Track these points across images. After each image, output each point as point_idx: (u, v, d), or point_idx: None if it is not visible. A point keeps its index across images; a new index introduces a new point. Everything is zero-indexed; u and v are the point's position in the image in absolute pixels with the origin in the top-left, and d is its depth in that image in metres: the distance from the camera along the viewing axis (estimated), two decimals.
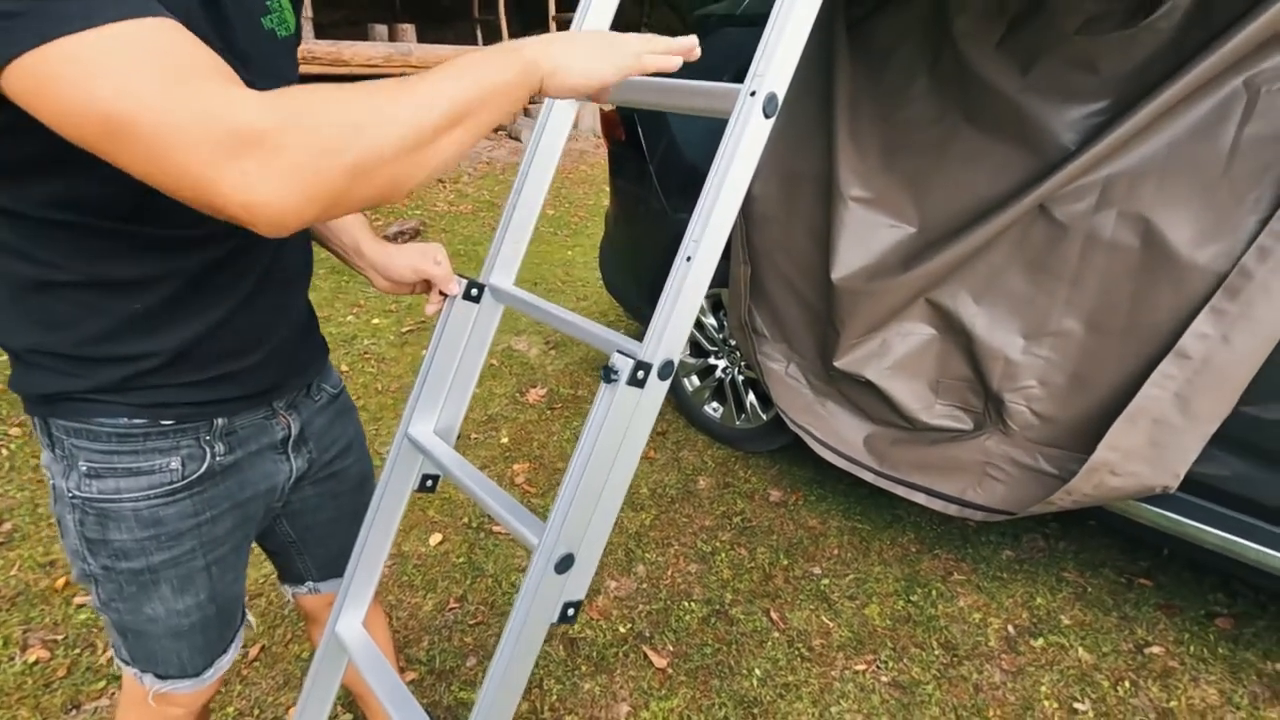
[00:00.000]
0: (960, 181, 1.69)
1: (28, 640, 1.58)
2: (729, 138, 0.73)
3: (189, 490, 0.77)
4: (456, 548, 1.95)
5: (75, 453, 0.72)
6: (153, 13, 0.47)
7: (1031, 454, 1.66)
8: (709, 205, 0.73)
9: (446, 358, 0.91)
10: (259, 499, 0.85)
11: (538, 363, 3.01)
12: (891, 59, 1.80)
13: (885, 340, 1.83)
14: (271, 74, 0.66)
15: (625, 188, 2.67)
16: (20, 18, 0.43)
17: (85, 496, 0.73)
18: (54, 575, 1.76)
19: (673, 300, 0.73)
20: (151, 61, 0.46)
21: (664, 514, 2.13)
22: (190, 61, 0.47)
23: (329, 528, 0.97)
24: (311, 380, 0.90)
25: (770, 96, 0.71)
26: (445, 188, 5.78)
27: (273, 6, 0.70)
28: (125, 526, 0.74)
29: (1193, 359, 1.38)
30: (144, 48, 0.46)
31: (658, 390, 0.74)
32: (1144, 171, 1.44)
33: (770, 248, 2.03)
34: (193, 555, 0.79)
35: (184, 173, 0.46)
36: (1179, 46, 1.41)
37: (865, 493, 2.20)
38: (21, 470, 2.15)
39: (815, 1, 0.72)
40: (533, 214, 0.93)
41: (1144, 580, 1.90)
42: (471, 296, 0.90)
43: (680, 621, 1.75)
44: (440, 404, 0.92)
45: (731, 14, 2.37)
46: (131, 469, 0.73)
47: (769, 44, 0.72)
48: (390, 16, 9.36)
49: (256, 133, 0.46)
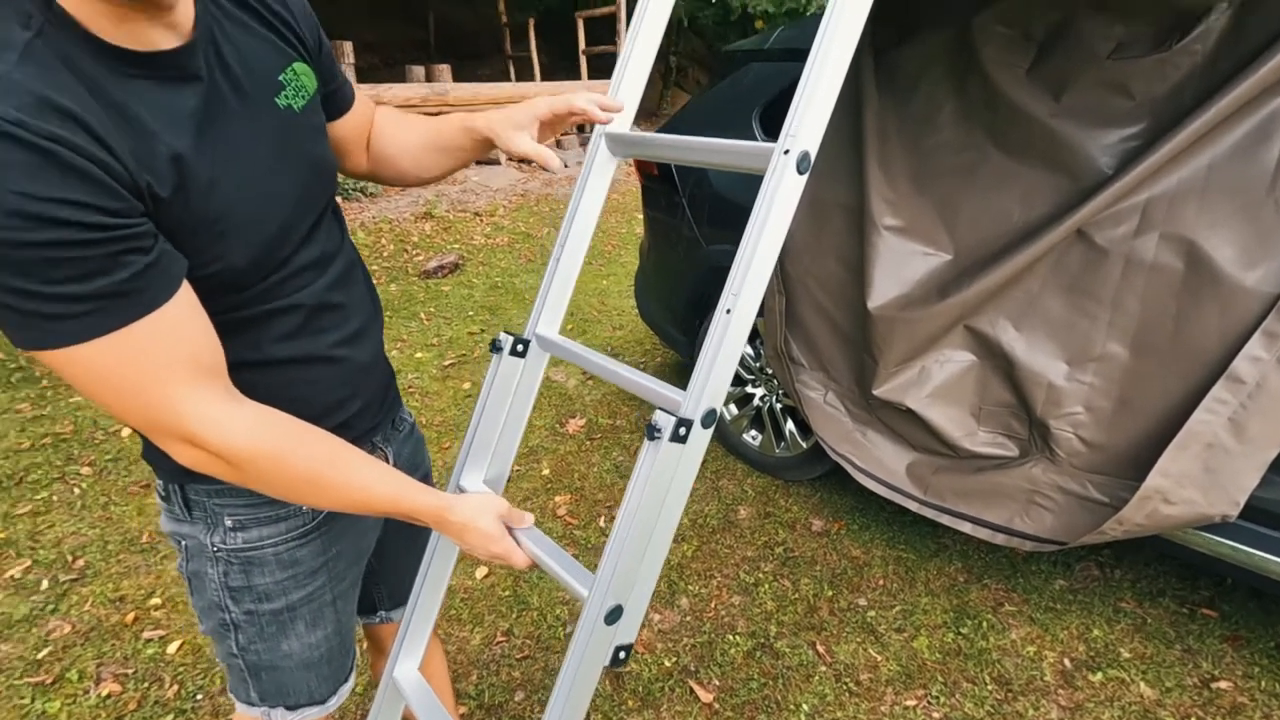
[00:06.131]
0: (993, 208, 1.68)
1: (101, 674, 1.66)
2: (764, 194, 0.75)
3: (319, 530, 0.84)
4: (501, 581, 1.98)
5: (218, 511, 0.78)
6: (127, 317, 0.57)
7: (1080, 481, 1.63)
8: (747, 259, 0.75)
9: (495, 410, 0.94)
10: (371, 531, 0.93)
11: (576, 393, 3.06)
12: (919, 87, 1.81)
13: (924, 368, 1.82)
14: (298, 157, 0.72)
15: (659, 220, 2.71)
16: (30, 321, 0.54)
17: (230, 548, 0.79)
18: (124, 611, 1.85)
19: (714, 352, 0.75)
20: (118, 377, 0.59)
21: (705, 545, 2.14)
22: (153, 374, 0.60)
23: (405, 557, 1.03)
24: (394, 413, 0.96)
25: (803, 155, 0.74)
26: (482, 221, 5.93)
27: (286, 81, 0.72)
28: (268, 570, 0.81)
29: (1246, 383, 1.34)
30: (117, 361, 0.58)
31: (701, 440, 0.77)
32: (1185, 193, 1.42)
33: (804, 276, 2.04)
34: (323, 590, 0.86)
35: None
36: (1214, 68, 1.39)
37: (909, 521, 2.17)
38: (92, 509, 2.26)
39: (843, 65, 0.75)
40: (575, 269, 0.97)
41: (1207, 610, 1.83)
42: (517, 352, 0.94)
43: (725, 655, 1.74)
44: (490, 455, 0.96)
45: (759, 49, 2.41)
46: (272, 516, 0.80)
47: (800, 106, 0.75)
48: (425, 56, 9.71)
49: (214, 450, 0.63)
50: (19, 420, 2.81)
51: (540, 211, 6.27)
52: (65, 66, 0.53)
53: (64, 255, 0.52)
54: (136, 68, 0.58)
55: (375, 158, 0.93)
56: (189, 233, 0.61)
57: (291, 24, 0.73)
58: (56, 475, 2.44)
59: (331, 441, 0.71)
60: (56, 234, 0.51)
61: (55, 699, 1.59)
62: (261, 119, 0.68)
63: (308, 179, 0.73)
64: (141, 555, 2.05)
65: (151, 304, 0.57)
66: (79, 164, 0.52)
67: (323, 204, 0.77)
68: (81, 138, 0.52)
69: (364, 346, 0.83)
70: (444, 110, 6.42)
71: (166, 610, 1.85)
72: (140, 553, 2.06)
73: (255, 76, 0.68)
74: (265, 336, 0.72)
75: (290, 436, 0.68)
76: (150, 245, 0.57)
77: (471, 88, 6.61)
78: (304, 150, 0.73)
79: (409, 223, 5.68)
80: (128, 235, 0.55)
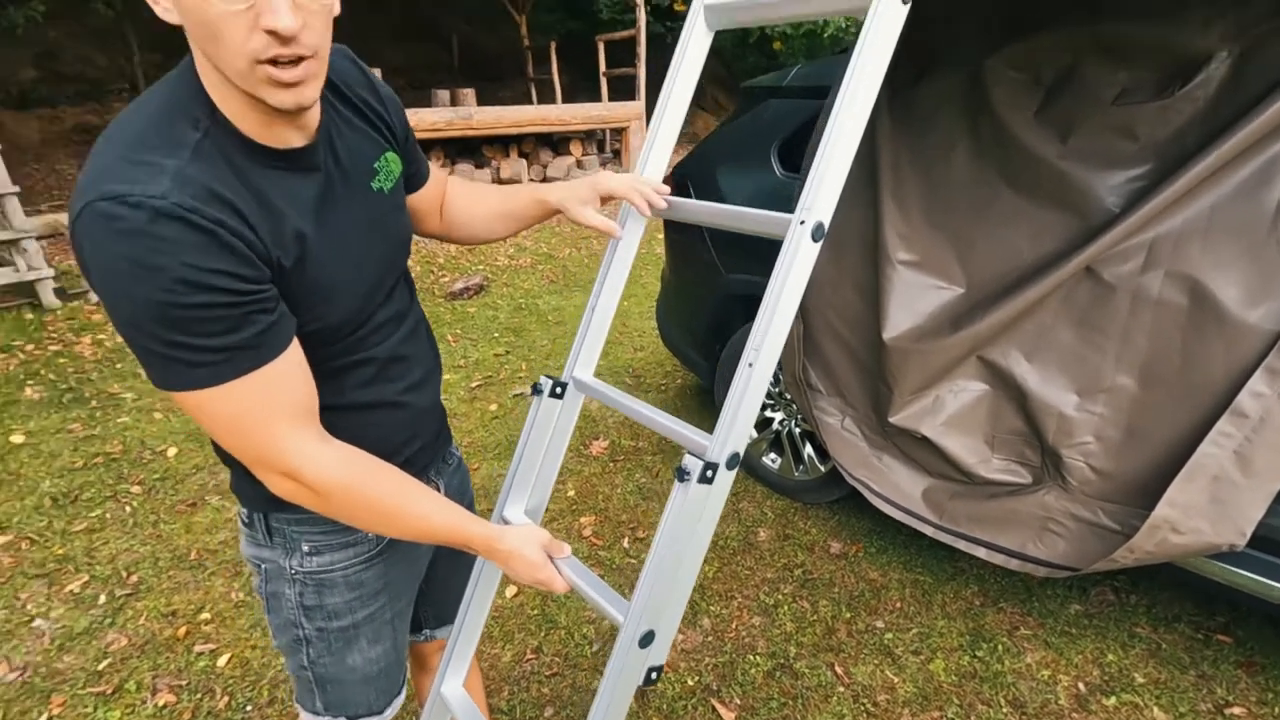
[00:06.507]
0: (1004, 243, 1.75)
1: (156, 685, 1.76)
2: (783, 259, 0.84)
3: (381, 555, 0.94)
4: (530, 600, 2.06)
5: (297, 537, 0.89)
6: (249, 366, 0.68)
7: (1092, 509, 1.67)
8: (767, 318, 0.83)
9: (535, 447, 1.03)
10: (424, 557, 1.04)
11: (599, 415, 3.14)
12: (932, 126, 1.88)
13: (938, 396, 1.88)
14: (385, 232, 0.84)
15: (679, 248, 2.80)
16: (174, 366, 0.66)
17: (307, 571, 0.90)
18: (176, 625, 1.96)
19: (737, 402, 0.84)
20: (236, 417, 0.70)
21: (726, 566, 2.20)
22: (264, 416, 0.71)
23: (450, 579, 1.12)
24: (445, 449, 1.06)
25: (818, 225, 0.82)
26: (505, 242, 6.07)
27: (379, 168, 0.84)
28: (337, 591, 0.92)
29: (1250, 417, 1.39)
30: (236, 403, 0.69)
31: (726, 481, 0.85)
32: (1190, 233, 1.48)
33: (821, 306, 2.11)
34: (383, 610, 0.97)
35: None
36: (1215, 114, 1.46)
37: (926, 545, 2.22)
38: (143, 526, 2.39)
39: (854, 141, 0.83)
40: (609, 316, 1.06)
41: (1222, 636, 1.86)
42: (556, 394, 1.03)
43: (746, 675, 1.81)
44: (530, 487, 1.05)
45: (778, 86, 2.51)
46: (342, 543, 0.90)
47: (815, 179, 0.83)
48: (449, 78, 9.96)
49: (308, 484, 0.74)
50: (72, 440, 2.96)
51: (562, 233, 6.40)
52: (224, 161, 0.67)
53: (210, 315, 0.64)
54: (275, 161, 0.71)
55: (449, 222, 1.05)
56: (300, 297, 0.73)
57: (385, 118, 0.86)
58: (109, 494, 2.57)
59: (400, 477, 0.81)
60: (209, 297, 0.63)
61: (115, 709, 1.70)
62: (361, 201, 0.80)
63: (391, 250, 0.86)
64: (190, 572, 2.17)
65: (268, 356, 0.69)
66: (232, 242, 0.64)
67: (400, 269, 0.89)
68: (235, 221, 0.65)
69: (425, 393, 0.94)
70: (468, 134, 6.60)
71: (215, 625, 1.96)
72: (189, 569, 2.18)
73: (357, 165, 0.80)
74: (346, 384, 0.83)
75: (367, 472, 0.78)
76: (273, 307, 0.69)
77: (495, 112, 6.79)
78: (389, 226, 0.85)
79: (435, 244, 5.83)
80: (259, 299, 0.67)
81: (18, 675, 1.79)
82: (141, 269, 0.60)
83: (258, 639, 1.90)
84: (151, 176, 0.61)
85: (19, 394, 3.36)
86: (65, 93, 8.42)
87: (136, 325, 0.63)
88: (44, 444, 2.92)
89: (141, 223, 0.60)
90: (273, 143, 0.70)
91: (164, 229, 0.60)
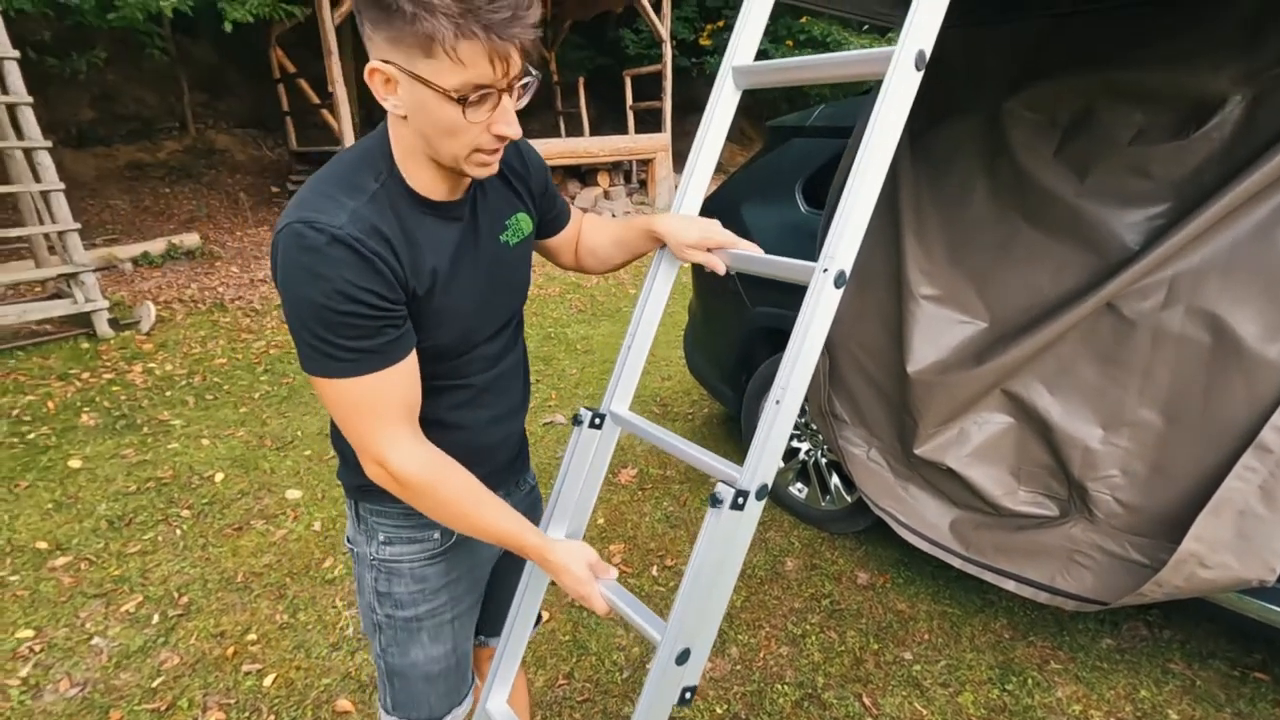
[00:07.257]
0: (1025, 279, 1.79)
1: (207, 703, 1.84)
2: (807, 304, 0.90)
3: (444, 554, 1.04)
4: (562, 626, 2.11)
5: (376, 527, 1.01)
6: (374, 368, 0.81)
7: (1120, 542, 1.69)
8: (793, 358, 0.90)
9: (576, 475, 1.10)
10: (487, 564, 1.13)
11: (628, 443, 3.21)
12: (952, 166, 1.95)
13: (963, 429, 1.91)
14: (501, 279, 0.97)
15: (706, 281, 2.88)
16: (318, 357, 0.81)
17: (380, 558, 1.01)
18: (224, 645, 2.04)
19: (765, 435, 0.90)
20: (354, 405, 0.84)
21: (754, 595, 2.23)
22: (374, 409, 0.84)
23: (509, 591, 1.19)
24: (521, 475, 1.17)
25: (840, 273, 0.89)
26: (535, 271, 6.20)
27: (509, 224, 0.98)
28: (403, 581, 1.02)
29: (1274, 452, 1.41)
30: (357, 395, 0.82)
31: (755, 509, 0.90)
32: (1209, 270, 1.52)
33: (846, 340, 2.16)
34: (444, 609, 1.06)
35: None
36: (1231, 155, 1.50)
37: (954, 576, 2.22)
38: (192, 549, 2.49)
39: (873, 194, 0.90)
40: (644, 352, 1.13)
41: (1259, 674, 1.84)
42: (595, 425, 1.10)
43: (774, 704, 1.83)
44: (570, 513, 1.11)
45: (801, 125, 2.60)
46: (411, 538, 1.01)
47: (837, 228, 0.90)
48: None
49: (392, 473, 0.86)
50: (125, 465, 3.10)
51: None
52: (390, 206, 0.82)
53: (354, 322, 0.78)
54: (429, 210, 0.86)
55: (581, 256, 1.18)
56: (423, 319, 0.87)
57: (526, 180, 1.00)
58: (160, 517, 2.69)
59: (473, 484, 0.91)
60: (357, 308, 0.78)
61: None
62: (488, 250, 0.94)
63: (503, 295, 0.99)
64: (237, 594, 2.26)
65: (390, 362, 0.82)
66: (383, 269, 0.79)
67: (510, 313, 1.02)
68: (388, 253, 0.80)
69: (509, 424, 1.06)
70: None
71: (261, 645, 2.04)
72: (236, 591, 2.27)
73: (491, 220, 0.95)
74: (444, 402, 0.95)
75: (445, 473, 0.89)
76: (402, 324, 0.83)
77: None
78: (506, 274, 0.98)
79: None
80: (393, 316, 0.82)
81: (78, 691, 1.88)
82: (312, 276, 0.76)
83: (301, 660, 1.98)
84: (335, 210, 0.77)
85: (76, 420, 3.53)
86: (119, 132, 8.89)
87: (300, 319, 0.78)
88: (100, 469, 3.07)
89: (321, 243, 0.75)
90: (431, 195, 0.86)
91: (335, 251, 0.76)
